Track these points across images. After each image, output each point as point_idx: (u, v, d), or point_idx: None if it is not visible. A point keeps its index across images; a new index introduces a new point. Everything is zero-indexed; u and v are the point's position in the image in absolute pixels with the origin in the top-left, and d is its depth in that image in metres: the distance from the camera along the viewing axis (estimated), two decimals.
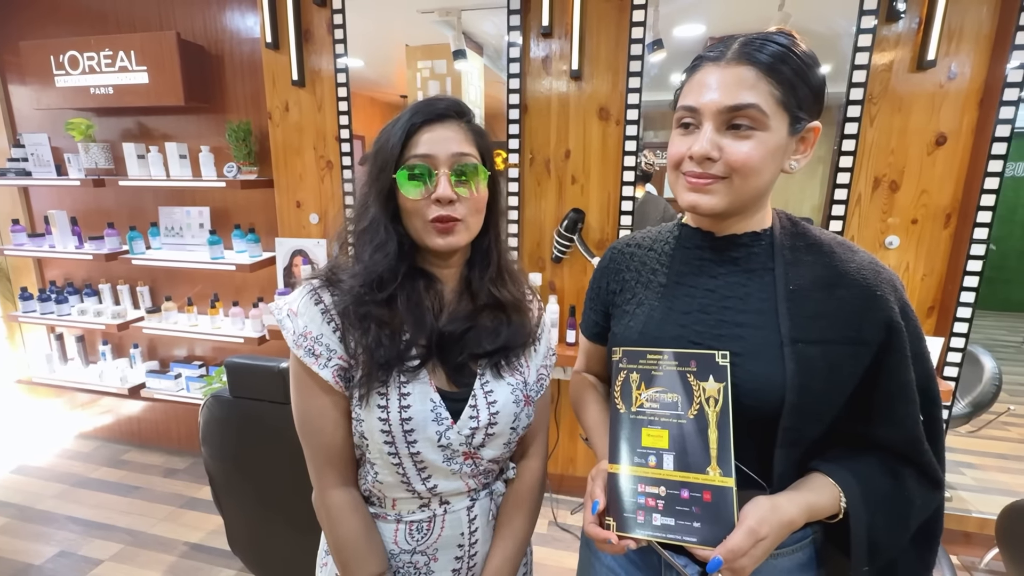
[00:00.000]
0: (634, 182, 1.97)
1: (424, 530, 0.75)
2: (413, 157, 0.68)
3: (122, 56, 2.29)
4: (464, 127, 0.71)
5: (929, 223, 1.81)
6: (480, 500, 0.78)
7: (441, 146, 0.68)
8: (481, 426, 0.72)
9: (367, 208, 0.72)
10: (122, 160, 2.45)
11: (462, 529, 0.77)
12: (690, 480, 0.61)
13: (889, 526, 0.63)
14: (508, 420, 0.74)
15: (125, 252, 2.49)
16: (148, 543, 2.09)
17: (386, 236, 0.70)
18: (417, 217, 0.70)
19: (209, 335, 2.45)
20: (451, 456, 0.72)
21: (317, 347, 0.69)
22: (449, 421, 0.71)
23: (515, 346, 0.77)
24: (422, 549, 0.76)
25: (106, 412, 2.89)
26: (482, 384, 0.74)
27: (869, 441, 0.66)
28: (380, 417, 0.68)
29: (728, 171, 0.63)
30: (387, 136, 0.70)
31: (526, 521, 0.82)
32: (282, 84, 2.21)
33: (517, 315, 0.78)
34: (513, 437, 0.77)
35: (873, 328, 0.63)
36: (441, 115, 0.70)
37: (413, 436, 0.69)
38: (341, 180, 2.23)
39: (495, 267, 0.77)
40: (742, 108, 0.60)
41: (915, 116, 1.74)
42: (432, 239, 0.70)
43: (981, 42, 1.65)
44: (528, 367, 0.80)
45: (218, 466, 1.43)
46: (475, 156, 0.71)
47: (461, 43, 2.07)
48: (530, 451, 0.85)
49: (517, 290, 0.80)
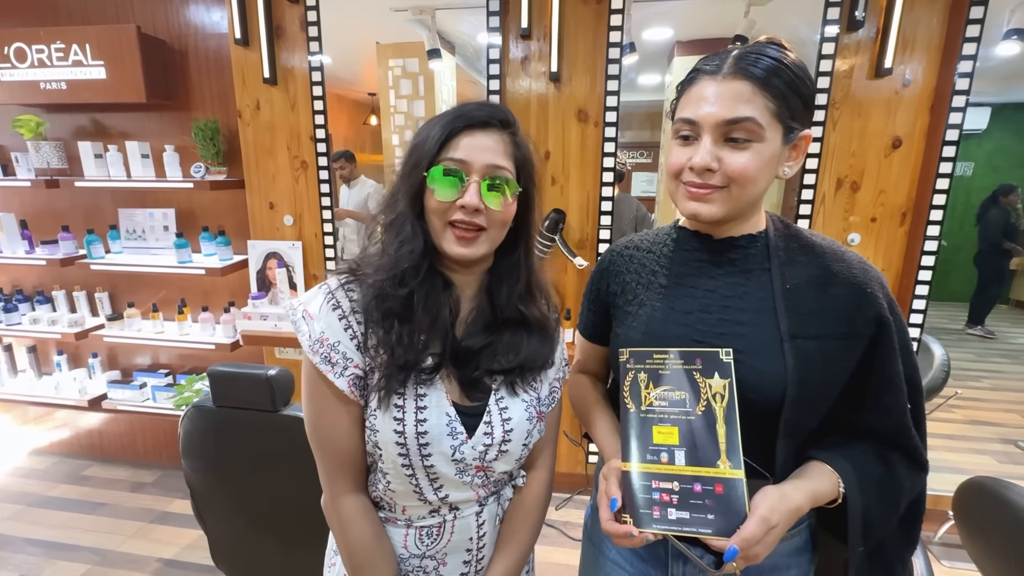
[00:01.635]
0: (613, 183, 2.01)
1: (434, 535, 0.76)
2: (448, 159, 0.67)
3: (76, 49, 2.16)
4: (506, 139, 0.70)
5: (887, 221, 1.92)
6: (488, 506, 0.79)
7: (478, 154, 0.67)
8: (495, 443, 0.72)
9: (396, 202, 0.71)
10: (77, 159, 2.31)
11: (471, 534, 0.77)
12: (702, 474, 0.64)
13: (882, 508, 0.67)
14: (521, 437, 0.75)
15: (82, 256, 2.35)
16: (117, 562, 1.99)
17: (412, 232, 0.69)
18: (438, 219, 0.69)
19: (177, 342, 2.35)
20: (464, 469, 0.72)
21: (334, 355, 0.68)
22: (464, 436, 0.71)
23: (533, 367, 0.76)
24: (431, 553, 0.76)
25: (62, 426, 2.73)
26: (497, 400, 0.74)
27: (861, 429, 0.71)
28: (396, 429, 0.68)
29: (726, 181, 0.66)
30: (426, 134, 0.69)
31: (530, 534, 0.83)
32: (252, 82, 2.14)
33: (541, 334, 0.77)
34: (525, 452, 0.77)
35: (864, 323, 0.67)
36: (484, 123, 0.69)
37: (428, 450, 0.69)
38: (317, 181, 2.18)
39: (524, 283, 0.76)
40: (739, 121, 0.63)
41: (873, 120, 1.85)
42: (450, 245, 0.69)
43: (932, 51, 1.77)
44: (542, 383, 0.80)
45: (200, 478, 1.38)
46: (510, 171, 0.70)
47: (435, 42, 2.06)
48: (539, 462, 0.84)
49: (547, 309, 0.79)
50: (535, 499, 0.83)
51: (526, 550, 0.82)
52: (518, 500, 0.82)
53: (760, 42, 0.67)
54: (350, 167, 2.25)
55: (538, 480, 0.84)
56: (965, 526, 1.17)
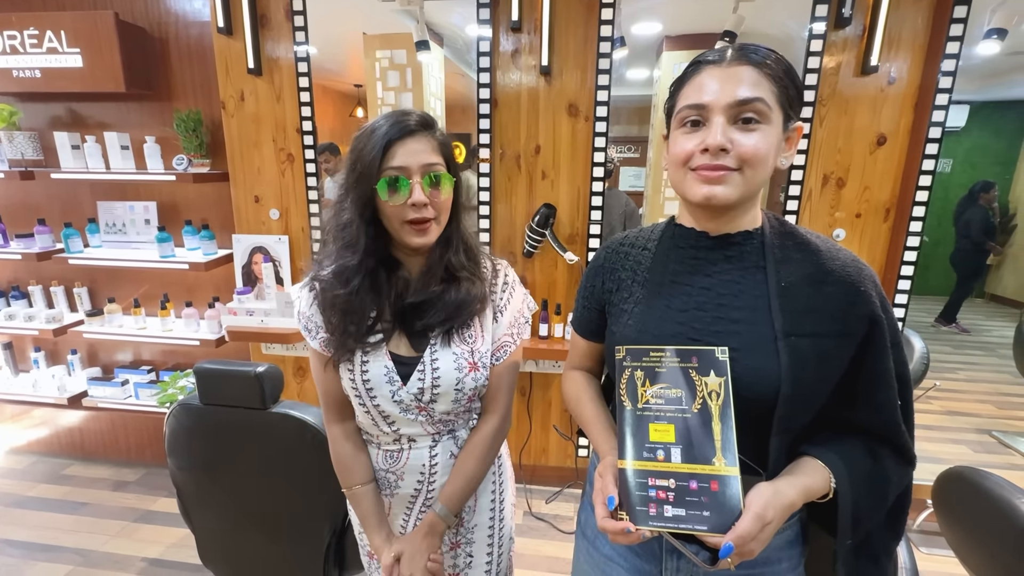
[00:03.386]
0: (604, 178, 2.01)
1: (394, 457, 0.96)
2: (390, 169, 0.81)
3: (50, 36, 2.08)
4: (431, 138, 0.85)
5: (871, 217, 1.96)
6: (443, 441, 0.96)
7: (413, 158, 0.82)
8: (426, 387, 0.89)
9: (343, 210, 0.86)
10: (53, 150, 2.24)
11: (423, 461, 0.95)
12: (698, 471, 0.64)
13: (871, 502, 0.69)
14: (451, 383, 0.89)
15: (60, 250, 2.29)
16: (101, 562, 1.96)
17: (356, 236, 0.84)
18: (395, 219, 0.84)
19: (160, 338, 2.30)
20: (406, 409, 0.90)
21: (310, 324, 0.92)
22: (399, 383, 0.88)
23: (462, 314, 0.89)
24: (392, 470, 0.97)
25: (41, 424, 2.66)
26: (432, 352, 0.89)
27: (851, 425, 0.72)
28: (348, 379, 0.90)
29: (740, 163, 0.66)
30: (363, 148, 0.82)
31: (476, 463, 0.96)
32: (236, 72, 2.09)
33: (467, 283, 0.90)
34: (460, 396, 0.91)
35: (858, 321, 0.68)
36: (412, 130, 0.83)
37: (373, 393, 0.89)
38: (304, 174, 2.15)
39: (454, 249, 0.91)
40: (751, 101, 0.64)
41: (859, 117, 1.87)
42: (410, 238, 0.85)
43: (916, 49, 1.79)
44: (482, 336, 0.93)
45: (187, 477, 1.36)
46: (442, 164, 0.85)
47: (424, 34, 2.03)
48: (490, 408, 0.99)
49: (470, 262, 0.93)
50: (481, 437, 0.97)
51: (472, 477, 0.96)
52: (469, 437, 0.98)
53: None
54: (335, 160, 2.22)
55: (486, 422, 0.99)
56: (944, 514, 1.20)
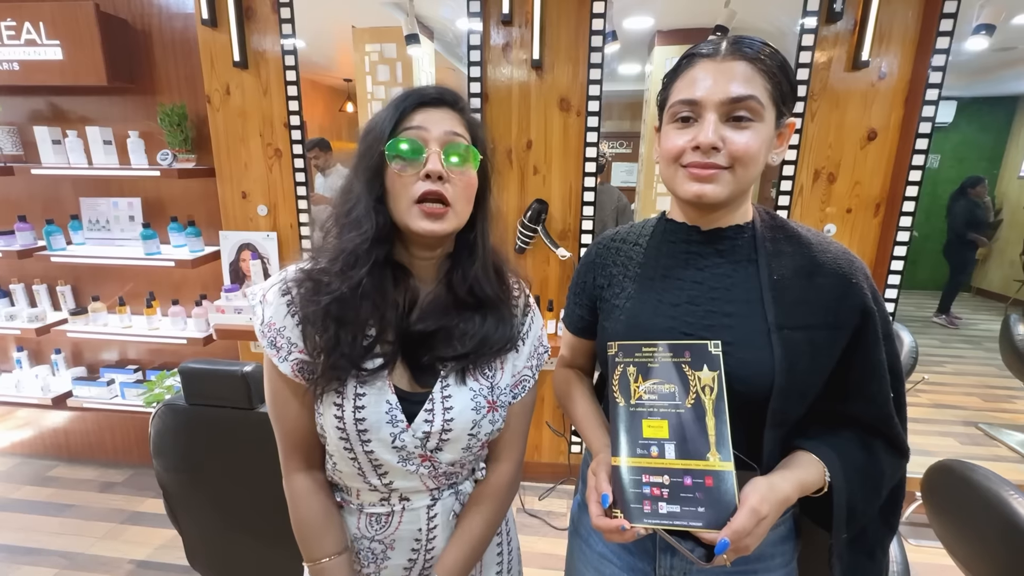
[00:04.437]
0: (596, 173, 2.00)
1: (383, 522, 0.76)
2: (405, 130, 0.66)
3: (28, 27, 2.03)
4: (458, 114, 0.70)
5: (862, 212, 1.96)
6: (443, 499, 0.77)
7: (434, 124, 0.67)
8: (435, 431, 0.70)
9: (351, 189, 0.70)
10: (33, 145, 2.19)
11: (420, 526, 0.76)
12: (692, 467, 0.63)
13: (865, 495, 0.68)
14: (465, 427, 0.71)
15: (42, 248, 2.24)
16: (88, 565, 1.92)
17: (364, 214, 0.67)
18: (403, 196, 0.66)
19: (146, 337, 2.26)
20: (406, 457, 0.71)
21: (279, 339, 0.69)
22: (404, 424, 0.69)
23: (486, 352, 0.73)
24: (380, 539, 0.76)
25: (24, 425, 2.61)
26: (442, 388, 0.71)
27: (844, 417, 0.71)
28: (335, 415, 0.68)
29: (731, 160, 0.65)
30: (378, 119, 0.69)
31: (484, 523, 0.78)
32: (222, 65, 2.05)
33: (495, 317, 0.74)
34: (474, 443, 0.74)
35: (849, 313, 0.67)
36: (436, 100, 0.68)
37: (367, 436, 0.69)
38: (292, 170, 2.11)
39: (480, 262, 0.73)
40: (743, 99, 0.63)
41: (850, 113, 1.88)
42: (417, 222, 0.66)
43: (907, 45, 1.80)
44: (501, 371, 0.76)
45: (173, 478, 1.33)
46: (467, 139, 0.69)
47: (414, 27, 2.00)
48: (503, 454, 0.81)
49: (502, 289, 0.76)
50: (493, 490, 0.80)
51: (479, 542, 0.78)
52: (476, 491, 0.80)
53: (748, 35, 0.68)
54: (325, 156, 2.19)
55: (498, 472, 0.81)
56: (932, 506, 1.21)
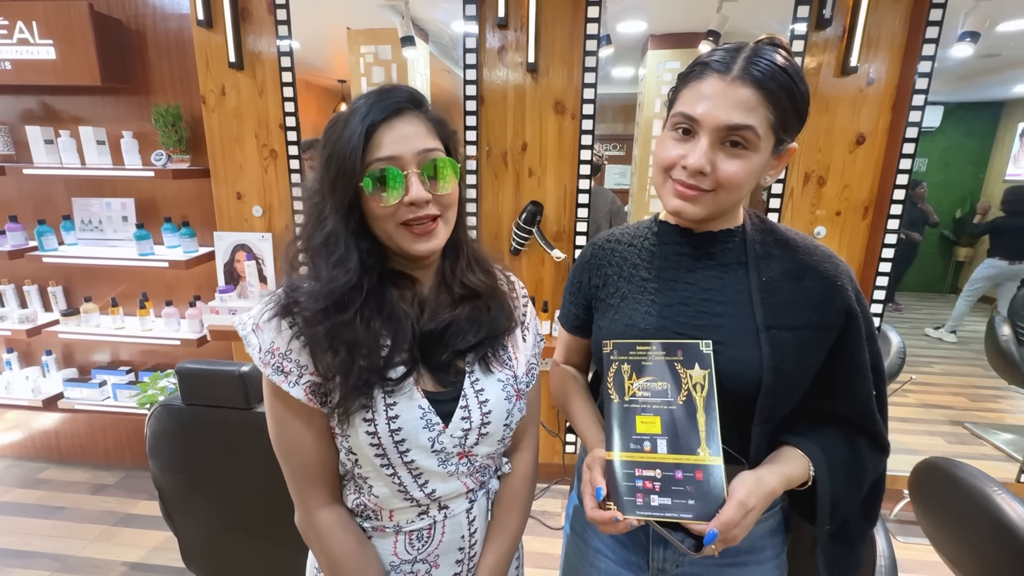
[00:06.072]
0: (591, 175, 2.02)
1: (424, 538, 0.73)
2: (377, 161, 0.63)
3: (21, 26, 2.02)
4: (424, 118, 0.67)
5: (850, 215, 2.00)
6: (478, 500, 0.77)
7: (405, 144, 0.63)
8: (474, 426, 0.70)
9: (323, 220, 0.65)
10: (25, 145, 2.18)
11: (463, 532, 0.75)
12: (683, 461, 0.65)
13: (848, 489, 0.71)
14: (501, 417, 0.73)
15: (33, 248, 2.22)
16: (79, 567, 1.91)
17: (346, 251, 0.64)
18: (388, 220, 0.65)
19: (139, 338, 2.26)
20: (446, 459, 0.70)
21: (286, 363, 0.65)
22: (440, 426, 0.68)
23: (498, 333, 0.74)
24: (423, 557, 0.74)
25: (14, 427, 2.59)
26: (472, 383, 0.71)
27: (829, 414, 0.74)
28: (368, 431, 0.65)
29: (715, 185, 0.67)
30: (339, 138, 0.63)
31: (519, 518, 0.81)
32: (217, 66, 2.05)
33: (493, 301, 0.75)
34: (507, 433, 0.75)
35: (835, 314, 0.70)
36: (398, 109, 0.64)
37: (406, 446, 0.66)
38: (288, 171, 2.12)
39: (465, 257, 0.74)
40: (740, 129, 0.64)
41: (839, 117, 1.91)
42: (410, 245, 0.66)
43: (894, 51, 1.84)
44: (517, 359, 0.77)
45: (169, 479, 1.33)
46: (440, 149, 0.67)
47: (409, 29, 2.02)
48: (522, 444, 0.83)
49: (488, 276, 0.77)
50: (522, 481, 0.82)
51: (516, 535, 0.81)
52: (505, 485, 0.81)
53: (766, 45, 0.66)
54: None
55: (523, 462, 0.83)
56: (920, 504, 1.23)
